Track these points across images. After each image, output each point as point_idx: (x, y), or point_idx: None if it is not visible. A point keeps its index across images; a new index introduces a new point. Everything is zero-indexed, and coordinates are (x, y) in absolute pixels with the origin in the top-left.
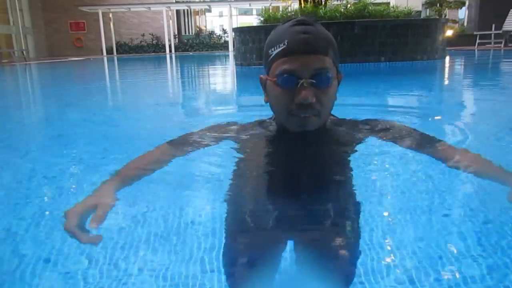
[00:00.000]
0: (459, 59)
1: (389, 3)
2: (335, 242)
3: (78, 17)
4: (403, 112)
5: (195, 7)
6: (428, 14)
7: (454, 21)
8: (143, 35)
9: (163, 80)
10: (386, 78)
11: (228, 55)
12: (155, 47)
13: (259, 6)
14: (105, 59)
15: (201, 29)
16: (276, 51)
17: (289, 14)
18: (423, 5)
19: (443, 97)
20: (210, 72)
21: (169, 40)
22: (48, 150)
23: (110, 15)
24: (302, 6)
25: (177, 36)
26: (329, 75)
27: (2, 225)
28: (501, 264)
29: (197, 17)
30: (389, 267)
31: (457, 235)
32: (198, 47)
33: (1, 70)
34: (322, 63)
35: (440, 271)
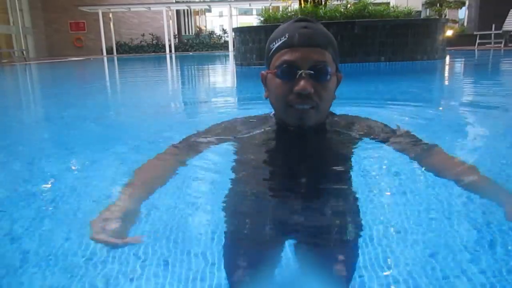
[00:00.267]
0: (459, 59)
1: (389, 3)
2: (334, 242)
3: (78, 17)
4: (403, 112)
5: (195, 7)
6: (428, 14)
7: (454, 21)
8: (143, 35)
9: (163, 80)
10: (386, 78)
11: (228, 55)
12: (155, 47)
13: (259, 6)
14: (105, 59)
15: (201, 29)
16: (277, 44)
17: (289, 14)
18: (423, 5)
19: (443, 97)
20: (210, 72)
21: (169, 40)
22: (48, 150)
23: (110, 15)
24: (302, 6)
25: (177, 36)
26: (328, 69)
27: (1, 226)
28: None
29: (197, 17)
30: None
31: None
32: (198, 47)
33: (1, 70)
34: (321, 56)
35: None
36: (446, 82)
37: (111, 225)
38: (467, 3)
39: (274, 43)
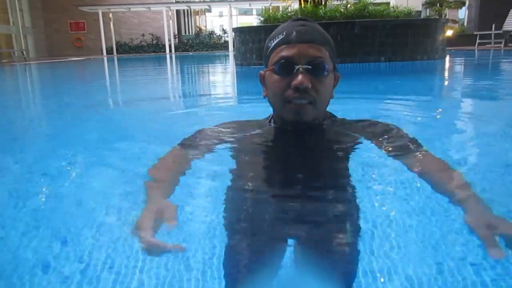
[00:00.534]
0: (459, 59)
1: (389, 3)
2: (335, 242)
3: (78, 17)
4: (402, 111)
5: (195, 7)
6: (428, 14)
7: (454, 21)
8: (143, 35)
9: (164, 79)
10: (386, 78)
11: (228, 55)
12: (155, 47)
13: (259, 6)
14: (105, 59)
15: (201, 29)
16: (275, 42)
17: (289, 14)
18: (423, 5)
19: (443, 96)
20: (211, 72)
21: (169, 40)
22: (48, 150)
23: (110, 15)
24: (302, 6)
25: (177, 36)
26: (325, 64)
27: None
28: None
29: (197, 17)
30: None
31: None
32: (198, 47)
33: (1, 70)
34: (318, 52)
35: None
36: (446, 82)
37: (155, 227)
38: (467, 3)
39: (272, 41)
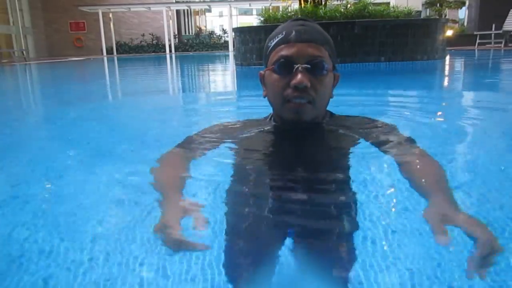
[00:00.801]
0: (460, 59)
1: (389, 3)
2: (333, 240)
3: (78, 17)
4: (402, 111)
5: (195, 7)
6: (428, 14)
7: (454, 21)
8: (143, 35)
9: (164, 79)
10: (386, 78)
11: (228, 55)
12: (155, 47)
13: (259, 6)
14: (105, 59)
15: (201, 29)
16: (274, 42)
17: (289, 14)
18: (423, 5)
19: (443, 96)
20: (211, 72)
21: (169, 40)
22: (48, 150)
23: (110, 15)
24: (302, 6)
25: (177, 36)
26: (324, 63)
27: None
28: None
29: (197, 17)
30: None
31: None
32: (198, 47)
33: (1, 70)
34: (317, 51)
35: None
36: (446, 82)
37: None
38: (467, 3)
39: (271, 41)
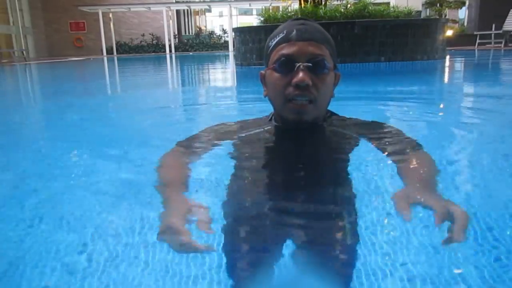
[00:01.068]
0: (460, 59)
1: (389, 3)
2: (333, 241)
3: (78, 17)
4: (402, 111)
5: (195, 7)
6: (428, 14)
7: (454, 21)
8: (143, 35)
9: (164, 79)
10: (386, 78)
11: (228, 55)
12: (155, 47)
13: (259, 6)
14: (105, 59)
15: (201, 29)
16: (275, 41)
17: (289, 14)
18: (423, 5)
19: (443, 96)
20: (211, 72)
21: (169, 40)
22: (48, 150)
23: (110, 15)
24: (302, 6)
25: (177, 36)
26: (325, 62)
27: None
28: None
29: (197, 17)
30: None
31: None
32: (198, 47)
33: (1, 70)
34: (318, 49)
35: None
36: (446, 82)
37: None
38: (467, 3)
39: (272, 41)
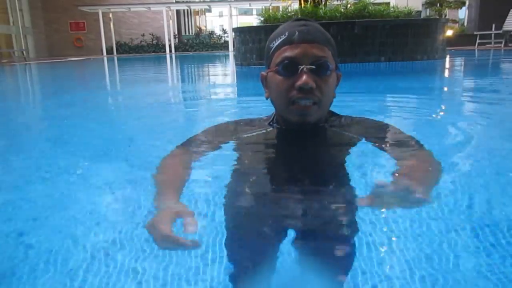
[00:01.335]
0: (460, 59)
1: (389, 3)
2: (333, 239)
3: (78, 17)
4: (403, 111)
5: (195, 7)
6: (428, 14)
7: (454, 21)
8: (143, 35)
9: (164, 79)
10: (386, 78)
11: (228, 55)
12: (155, 47)
13: (259, 6)
14: (105, 59)
15: (201, 29)
16: (277, 43)
17: (289, 14)
18: (423, 5)
19: (444, 96)
20: (211, 72)
21: (169, 40)
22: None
23: (110, 15)
24: (302, 6)
25: (177, 36)
26: (328, 64)
27: (2, 228)
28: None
29: (197, 17)
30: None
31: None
32: (198, 47)
33: (1, 70)
34: (321, 51)
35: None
36: (446, 82)
37: (172, 225)
38: (467, 3)
39: (274, 42)
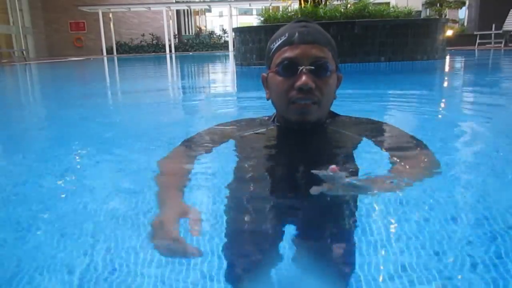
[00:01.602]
0: (460, 59)
1: (389, 3)
2: (334, 238)
3: (78, 17)
4: (403, 111)
5: (195, 7)
6: (428, 14)
7: (454, 21)
8: (143, 35)
9: (164, 79)
10: (386, 78)
11: (228, 55)
12: (155, 47)
13: (259, 6)
14: (105, 59)
15: (201, 29)
16: (277, 44)
17: (289, 14)
18: (423, 5)
19: (444, 96)
20: (211, 72)
21: (169, 40)
22: (48, 150)
23: (110, 15)
24: (302, 6)
25: (177, 36)
26: (328, 65)
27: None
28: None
29: (197, 17)
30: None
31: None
32: (198, 47)
33: (1, 70)
34: (321, 52)
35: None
36: (446, 82)
37: (177, 228)
38: (467, 3)
39: (274, 43)
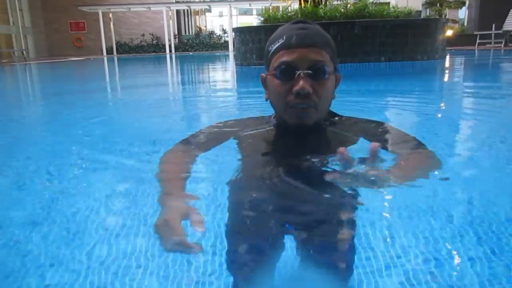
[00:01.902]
0: (460, 59)
1: (389, 3)
2: (333, 238)
3: (78, 17)
4: (403, 111)
5: (195, 7)
6: (428, 14)
7: (454, 21)
8: (143, 35)
9: (165, 79)
10: (386, 78)
11: (228, 55)
12: (155, 47)
13: (259, 6)
14: (105, 59)
15: (201, 29)
16: (275, 46)
17: (289, 14)
18: (423, 5)
19: (444, 96)
20: (211, 72)
21: (169, 40)
22: (48, 150)
23: (110, 15)
24: (302, 6)
25: (177, 36)
26: (325, 68)
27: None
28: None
29: (197, 17)
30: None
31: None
32: (198, 47)
33: (1, 70)
34: (319, 55)
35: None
36: (446, 82)
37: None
38: (467, 3)
39: (272, 45)
